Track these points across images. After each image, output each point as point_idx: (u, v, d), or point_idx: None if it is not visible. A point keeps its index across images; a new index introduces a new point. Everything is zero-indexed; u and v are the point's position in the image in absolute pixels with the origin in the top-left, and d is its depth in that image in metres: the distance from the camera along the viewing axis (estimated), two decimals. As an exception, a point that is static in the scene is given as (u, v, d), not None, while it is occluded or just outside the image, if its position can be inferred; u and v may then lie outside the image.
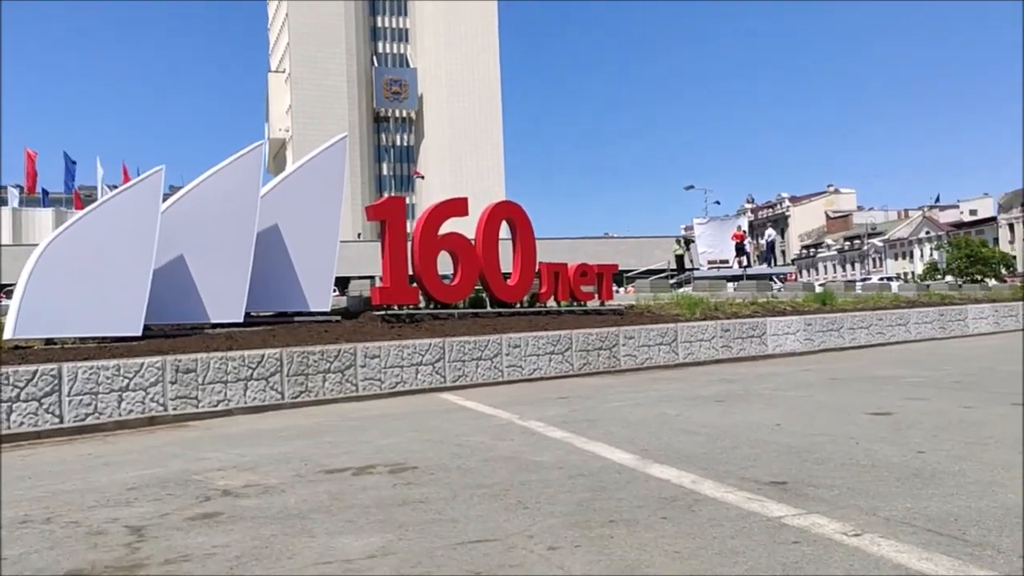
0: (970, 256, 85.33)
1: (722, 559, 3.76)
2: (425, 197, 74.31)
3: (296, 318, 13.97)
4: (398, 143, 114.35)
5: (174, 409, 10.26)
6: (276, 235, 13.79)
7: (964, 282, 47.21)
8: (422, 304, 14.97)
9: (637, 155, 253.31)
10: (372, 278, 18.90)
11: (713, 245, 33.55)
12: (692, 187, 75.95)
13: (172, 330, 12.61)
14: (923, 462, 5.69)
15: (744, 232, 34.48)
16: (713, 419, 8.34)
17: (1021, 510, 4.32)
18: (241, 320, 12.86)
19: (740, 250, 32.84)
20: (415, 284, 14.85)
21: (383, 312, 14.35)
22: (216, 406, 10.65)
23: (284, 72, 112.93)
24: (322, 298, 14.14)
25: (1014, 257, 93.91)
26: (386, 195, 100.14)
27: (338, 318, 14.39)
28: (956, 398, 9.27)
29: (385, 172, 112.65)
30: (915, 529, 4.01)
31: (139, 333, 11.55)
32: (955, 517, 4.20)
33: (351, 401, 11.49)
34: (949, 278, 68.22)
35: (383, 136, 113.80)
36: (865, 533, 3.96)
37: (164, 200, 12.42)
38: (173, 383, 10.29)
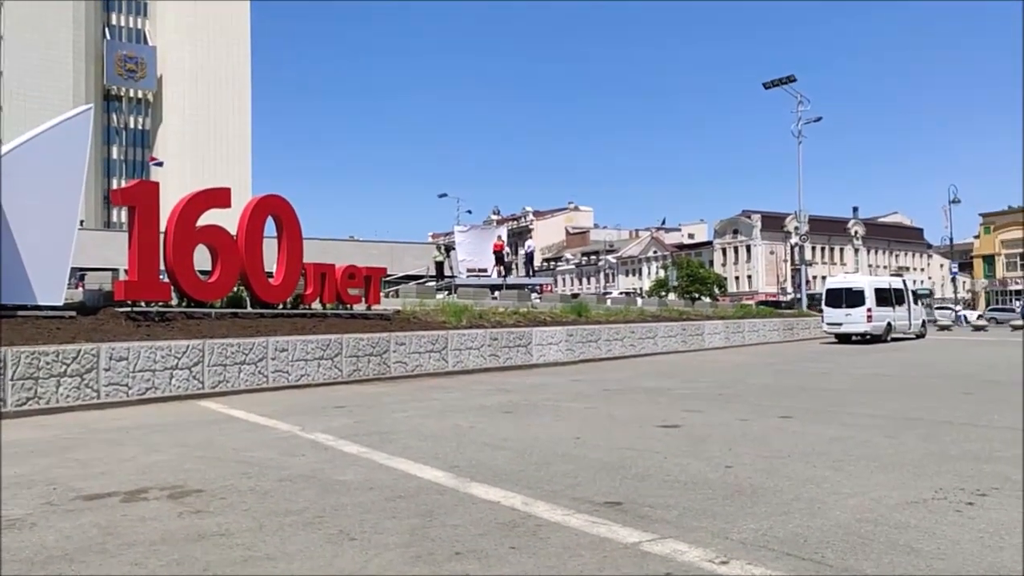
0: (690, 275, 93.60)
1: (596, 595, 3.42)
2: (162, 186, 68.50)
3: (20, 312, 11.99)
4: (132, 125, 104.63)
5: None
6: (-3, 213, 11.78)
7: (688, 299, 51.53)
8: (174, 302, 13.49)
9: (383, 160, 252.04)
10: (115, 271, 16.82)
11: (473, 253, 33.95)
12: (445, 195, 77.67)
13: None
14: (736, 478, 5.76)
15: (504, 242, 35.33)
16: (510, 432, 8.09)
17: (854, 528, 4.40)
18: (-53, 312, 10.83)
19: (499, 259, 33.66)
20: (167, 279, 13.36)
21: (128, 309, 12.74)
22: (-84, 415, 8.81)
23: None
24: (54, 290, 12.28)
25: (726, 279, 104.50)
26: (115, 182, 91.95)
27: (72, 314, 12.56)
28: (728, 410, 9.75)
29: (115, 155, 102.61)
30: (775, 553, 3.91)
31: None
32: (803, 539, 4.18)
33: (93, 409, 10.02)
34: (672, 296, 74.36)
35: (114, 116, 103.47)
36: (732, 560, 3.80)
37: None
38: None
